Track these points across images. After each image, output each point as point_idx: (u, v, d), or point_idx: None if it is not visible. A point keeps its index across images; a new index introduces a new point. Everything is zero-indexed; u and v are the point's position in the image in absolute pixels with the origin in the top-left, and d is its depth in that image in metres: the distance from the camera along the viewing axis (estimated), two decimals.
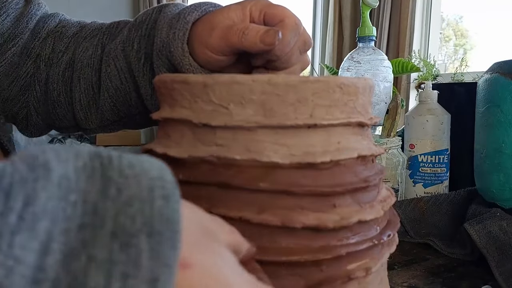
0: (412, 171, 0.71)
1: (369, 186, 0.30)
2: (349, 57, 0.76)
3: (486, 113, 0.59)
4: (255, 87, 0.28)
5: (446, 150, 0.71)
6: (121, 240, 0.16)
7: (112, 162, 0.18)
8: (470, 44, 2.99)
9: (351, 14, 3.12)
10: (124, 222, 0.17)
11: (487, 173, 0.59)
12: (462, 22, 3.09)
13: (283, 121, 0.28)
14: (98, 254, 0.16)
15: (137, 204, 0.17)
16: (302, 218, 0.27)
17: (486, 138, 0.59)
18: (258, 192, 0.27)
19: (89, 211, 0.16)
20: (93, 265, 0.16)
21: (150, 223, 0.17)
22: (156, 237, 0.17)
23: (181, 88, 0.30)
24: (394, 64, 1.03)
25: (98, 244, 0.16)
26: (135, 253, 0.16)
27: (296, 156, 0.28)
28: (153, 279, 0.16)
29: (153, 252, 0.16)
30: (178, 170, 0.28)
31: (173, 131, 0.31)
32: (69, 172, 0.17)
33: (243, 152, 0.28)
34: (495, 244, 0.49)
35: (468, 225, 0.51)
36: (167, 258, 0.17)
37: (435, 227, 0.59)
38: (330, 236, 0.28)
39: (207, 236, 0.20)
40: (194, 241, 0.19)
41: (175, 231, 0.17)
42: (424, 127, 0.70)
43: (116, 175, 0.18)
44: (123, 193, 0.17)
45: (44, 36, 0.48)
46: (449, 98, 0.75)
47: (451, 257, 0.53)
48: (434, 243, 0.55)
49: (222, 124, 0.28)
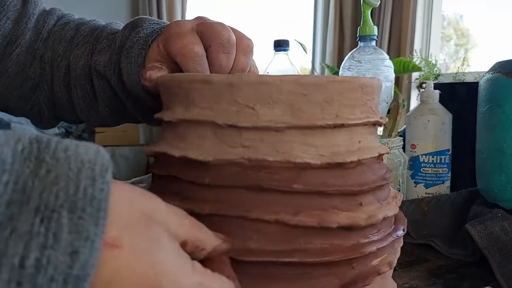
0: (413, 172, 0.71)
1: (385, 184, 0.31)
2: (350, 56, 0.76)
3: (488, 113, 0.59)
4: (283, 87, 0.27)
5: (448, 150, 0.70)
6: (43, 214, 0.17)
7: (49, 146, 0.19)
8: (471, 43, 2.99)
9: (352, 13, 3.12)
10: (47, 198, 0.18)
11: (488, 174, 0.58)
12: (463, 21, 3.09)
13: (312, 121, 0.28)
14: (20, 227, 0.17)
15: (63, 183, 0.18)
16: (337, 218, 0.28)
17: (487, 138, 0.59)
18: (292, 193, 0.27)
19: (19, 190, 0.18)
20: (14, 236, 0.17)
21: (73, 200, 0.18)
22: (77, 213, 0.18)
23: (202, 88, 0.29)
24: (396, 63, 1.03)
25: (21, 218, 0.17)
26: (55, 227, 0.17)
27: (325, 156, 0.28)
28: (72, 251, 0.17)
29: (73, 227, 0.17)
30: (203, 174, 0.28)
31: (188, 133, 0.29)
32: (5, 154, 0.18)
33: (272, 153, 0.27)
34: (496, 245, 0.49)
35: (469, 225, 0.51)
36: (88, 233, 0.18)
37: (437, 228, 0.59)
38: (360, 234, 0.29)
39: (146, 222, 0.21)
40: (127, 224, 0.20)
41: (98, 208, 0.18)
42: (426, 127, 0.70)
43: (48, 158, 0.19)
44: (51, 173, 0.18)
45: (46, 35, 0.49)
46: (451, 98, 0.75)
47: (452, 258, 0.52)
48: (435, 244, 0.55)
49: (249, 125, 0.27)
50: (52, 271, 0.17)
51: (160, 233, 0.21)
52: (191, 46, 0.38)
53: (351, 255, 0.28)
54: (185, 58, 0.38)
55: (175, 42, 0.38)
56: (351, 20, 3.13)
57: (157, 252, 0.20)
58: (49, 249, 0.17)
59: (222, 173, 0.28)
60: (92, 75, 0.46)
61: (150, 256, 0.20)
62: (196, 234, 0.24)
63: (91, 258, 0.17)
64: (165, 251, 0.21)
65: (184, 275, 0.21)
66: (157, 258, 0.20)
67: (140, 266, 0.19)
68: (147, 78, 0.37)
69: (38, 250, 0.17)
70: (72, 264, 0.17)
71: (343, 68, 0.77)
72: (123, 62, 0.43)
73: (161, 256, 0.20)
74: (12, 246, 0.16)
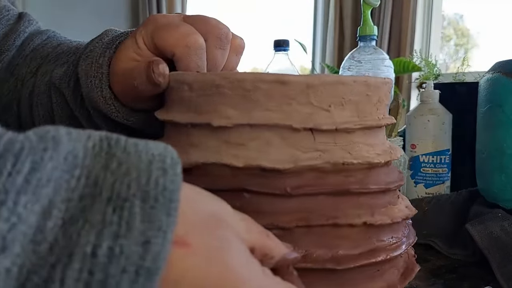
0: (413, 172, 0.71)
1: None
2: (350, 56, 0.76)
3: (488, 113, 0.59)
4: (355, 87, 0.27)
5: (448, 150, 0.70)
6: (115, 204, 0.17)
7: (119, 141, 0.19)
8: (471, 43, 2.98)
9: (352, 13, 3.12)
10: (119, 188, 0.17)
11: (489, 174, 0.58)
12: (462, 21, 3.09)
13: (374, 122, 0.28)
14: (93, 217, 0.17)
15: (134, 173, 0.18)
16: (399, 212, 0.29)
17: (487, 138, 0.59)
18: (367, 194, 0.28)
19: (91, 184, 0.17)
20: (87, 226, 0.16)
21: (145, 190, 0.18)
22: (150, 202, 0.17)
23: (271, 89, 0.26)
24: (396, 63, 1.03)
25: (94, 209, 0.17)
26: (128, 216, 0.17)
27: (381, 155, 0.29)
28: (145, 241, 0.17)
29: (145, 216, 0.17)
30: (280, 183, 0.26)
31: (250, 139, 0.26)
32: (77, 150, 0.18)
33: (346, 155, 0.27)
34: (496, 245, 0.49)
35: (469, 225, 0.51)
36: (161, 223, 0.17)
37: (437, 228, 0.59)
38: (407, 224, 0.31)
39: (215, 222, 0.20)
40: (196, 222, 0.19)
41: (170, 199, 0.18)
42: (426, 127, 0.70)
43: (119, 152, 0.19)
44: (123, 166, 0.18)
45: (28, 53, 0.46)
46: (451, 98, 0.75)
47: (452, 258, 0.52)
48: (435, 244, 0.55)
49: (324, 127, 0.26)
50: (124, 262, 0.16)
51: (230, 235, 0.20)
52: (194, 37, 0.32)
53: (409, 245, 0.30)
54: (188, 49, 0.32)
55: (169, 33, 0.33)
56: (351, 20, 3.13)
57: (228, 253, 0.19)
58: (122, 238, 0.16)
59: (302, 181, 0.26)
60: (51, 91, 0.41)
61: (221, 256, 0.19)
62: (264, 241, 0.22)
63: (163, 250, 0.17)
64: (236, 253, 0.20)
65: (255, 279, 0.20)
66: (228, 259, 0.19)
67: (211, 266, 0.19)
68: (161, 72, 0.30)
69: (111, 238, 0.16)
70: (144, 255, 0.16)
71: (343, 68, 0.76)
72: (81, 65, 0.37)
73: (233, 257, 0.19)
74: (85, 236, 0.16)
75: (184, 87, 0.28)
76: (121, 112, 0.37)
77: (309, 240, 0.26)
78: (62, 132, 0.18)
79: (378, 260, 0.27)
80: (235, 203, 0.26)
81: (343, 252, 0.27)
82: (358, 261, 0.27)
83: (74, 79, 0.39)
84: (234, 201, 0.26)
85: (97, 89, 0.36)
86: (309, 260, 0.26)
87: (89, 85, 0.36)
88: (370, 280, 0.28)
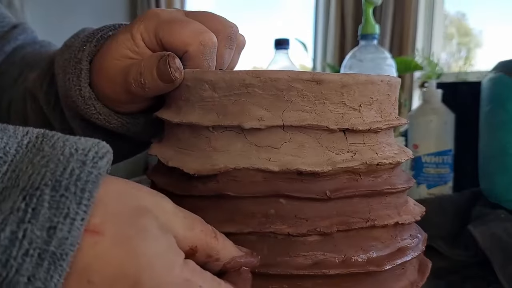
0: (415, 172, 0.71)
1: None
2: (352, 55, 0.76)
3: (491, 113, 0.58)
4: (381, 87, 0.27)
5: (450, 151, 0.70)
6: (26, 192, 0.18)
7: (52, 138, 0.20)
8: (474, 43, 2.97)
9: (353, 12, 3.11)
10: (34, 179, 0.18)
11: (491, 174, 0.58)
12: (465, 20, 3.08)
13: (394, 122, 0.28)
14: (4, 206, 0.17)
15: (52, 165, 0.18)
16: (413, 210, 0.30)
17: (490, 138, 0.58)
18: (392, 194, 0.28)
19: (14, 177, 0.18)
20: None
21: (58, 180, 0.18)
22: (60, 191, 0.18)
23: (306, 89, 0.25)
24: (397, 62, 1.03)
25: (8, 200, 0.17)
26: (36, 203, 0.17)
27: (399, 154, 0.28)
28: (50, 227, 0.17)
29: (53, 203, 0.18)
30: (317, 186, 0.25)
31: (281, 140, 0.25)
32: (9, 146, 0.19)
33: (373, 155, 0.27)
34: (499, 246, 0.48)
35: (472, 226, 0.50)
36: (69, 211, 0.18)
37: (439, 229, 0.58)
38: (415, 226, 0.32)
39: (139, 214, 0.20)
40: (117, 213, 0.19)
41: (83, 189, 0.18)
42: (428, 127, 0.69)
43: (47, 147, 0.19)
44: (44, 159, 0.19)
45: (15, 60, 0.45)
46: (453, 97, 0.74)
47: (454, 259, 0.52)
48: (437, 245, 0.55)
49: (355, 128, 0.26)
50: (27, 245, 0.17)
51: (152, 225, 0.20)
52: (209, 35, 0.30)
53: (423, 242, 0.30)
54: (203, 48, 0.30)
55: (180, 29, 0.30)
56: (352, 19, 3.12)
57: (141, 242, 0.19)
58: (26, 223, 0.17)
59: (339, 183, 0.25)
60: (26, 97, 0.39)
61: (131, 244, 0.19)
62: (208, 241, 0.22)
63: (70, 237, 0.17)
64: (151, 242, 0.19)
65: (168, 270, 0.19)
66: (140, 248, 0.19)
67: (119, 254, 0.19)
68: (178, 67, 0.27)
69: (15, 223, 0.17)
70: (49, 240, 0.17)
71: (344, 67, 0.76)
72: (58, 61, 0.34)
73: (146, 247, 0.19)
74: None
75: (204, 86, 0.26)
76: (102, 114, 0.33)
77: (348, 244, 0.26)
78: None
79: (407, 259, 0.27)
80: (269, 210, 0.25)
81: (376, 254, 0.26)
82: (391, 262, 0.26)
83: (48, 80, 0.37)
84: (267, 206, 0.25)
85: (75, 87, 0.33)
86: (349, 264, 0.25)
87: (66, 82, 0.33)
88: (397, 280, 0.28)
